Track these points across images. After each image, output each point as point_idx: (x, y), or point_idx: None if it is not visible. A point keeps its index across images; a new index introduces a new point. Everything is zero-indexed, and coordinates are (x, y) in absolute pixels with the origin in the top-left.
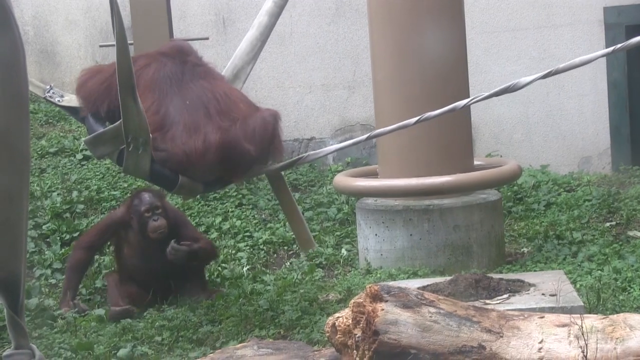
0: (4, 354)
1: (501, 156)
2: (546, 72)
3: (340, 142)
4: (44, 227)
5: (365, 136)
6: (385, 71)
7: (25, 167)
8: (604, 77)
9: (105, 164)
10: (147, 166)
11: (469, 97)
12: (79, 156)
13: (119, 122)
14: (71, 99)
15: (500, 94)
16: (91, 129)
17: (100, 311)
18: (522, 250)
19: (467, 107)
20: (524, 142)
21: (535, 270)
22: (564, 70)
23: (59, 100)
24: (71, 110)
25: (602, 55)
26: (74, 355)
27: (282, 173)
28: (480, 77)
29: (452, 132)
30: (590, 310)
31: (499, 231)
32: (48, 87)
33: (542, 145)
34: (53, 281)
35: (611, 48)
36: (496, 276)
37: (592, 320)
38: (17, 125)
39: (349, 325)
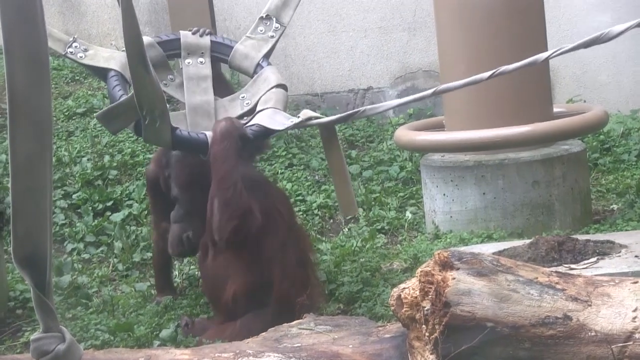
0: (32, 337)
1: (585, 101)
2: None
3: (401, 91)
4: (74, 196)
5: (430, 91)
6: (449, 10)
7: (47, 131)
8: None
9: None
10: (167, 137)
11: (545, 36)
12: None
13: (131, 94)
14: (96, 55)
15: (588, 46)
16: (110, 93)
17: (142, 286)
18: (611, 207)
19: (544, 46)
20: (610, 85)
21: (626, 230)
22: None
23: (81, 57)
24: (95, 70)
25: None
26: (112, 338)
27: (336, 127)
28: (559, 12)
29: (529, 76)
30: None
31: (584, 186)
32: (71, 39)
33: (631, 88)
34: (86, 256)
35: None
36: (582, 237)
37: None
38: (37, 85)
39: (416, 297)
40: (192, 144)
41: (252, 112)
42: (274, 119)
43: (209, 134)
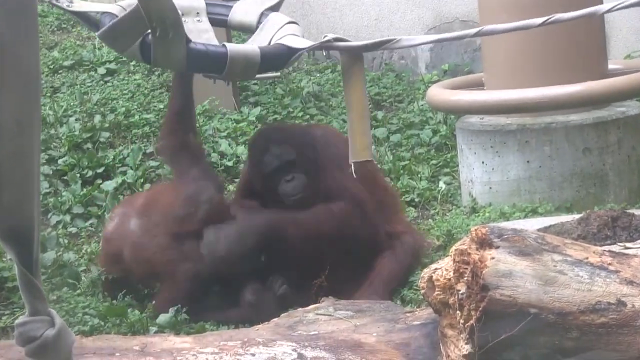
0: (17, 321)
1: None
2: None
3: (434, 44)
4: (59, 161)
5: (474, 30)
6: None
7: (35, 87)
8: None
9: (135, 79)
10: (181, 53)
11: None
12: (102, 70)
13: (135, 4)
14: (83, 4)
15: None
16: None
17: None
18: None
19: None
20: None
21: None
22: None
23: (67, 5)
24: (84, 17)
25: None
26: (102, 323)
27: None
28: None
29: (580, 28)
30: None
31: None
32: None
33: None
34: (73, 230)
35: None
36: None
37: None
38: (23, 36)
39: (449, 279)
40: (210, 60)
41: None
42: (295, 41)
43: (230, 45)
